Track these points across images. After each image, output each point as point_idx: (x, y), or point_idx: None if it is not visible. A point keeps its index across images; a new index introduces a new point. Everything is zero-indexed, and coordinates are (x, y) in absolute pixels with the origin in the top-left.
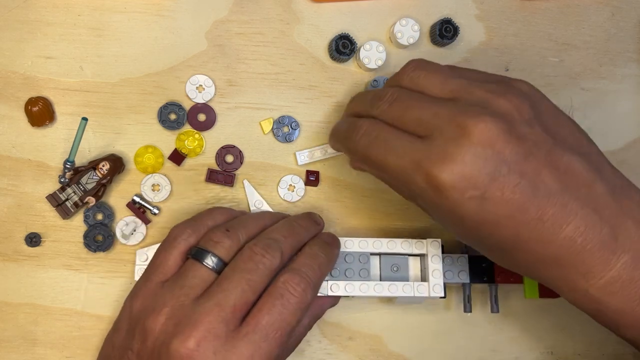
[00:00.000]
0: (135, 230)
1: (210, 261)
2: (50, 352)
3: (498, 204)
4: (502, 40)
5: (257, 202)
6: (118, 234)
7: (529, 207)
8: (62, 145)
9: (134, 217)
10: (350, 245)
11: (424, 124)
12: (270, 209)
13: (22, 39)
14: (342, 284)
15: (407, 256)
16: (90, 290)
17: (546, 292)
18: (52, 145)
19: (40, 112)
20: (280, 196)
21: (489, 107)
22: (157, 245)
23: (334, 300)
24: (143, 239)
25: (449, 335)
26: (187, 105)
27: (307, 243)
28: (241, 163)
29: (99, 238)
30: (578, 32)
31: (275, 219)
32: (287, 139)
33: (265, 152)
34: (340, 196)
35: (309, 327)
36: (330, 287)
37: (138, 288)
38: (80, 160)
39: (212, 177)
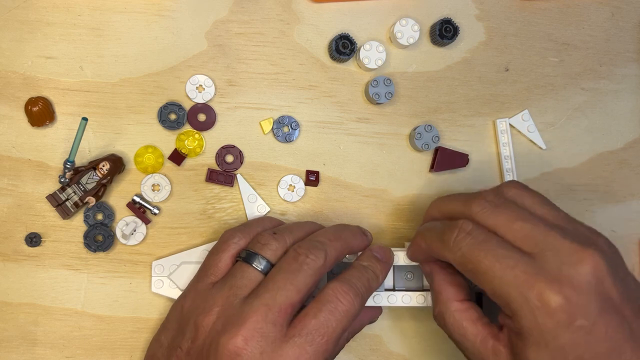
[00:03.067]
0: (135, 230)
1: (258, 263)
2: (50, 352)
3: (600, 341)
4: (502, 40)
5: (251, 196)
6: (118, 234)
7: (625, 350)
8: (62, 145)
9: (134, 217)
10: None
11: (534, 240)
12: (264, 204)
13: (22, 39)
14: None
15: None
16: (90, 290)
17: None
18: (52, 145)
19: (40, 112)
20: (280, 196)
21: (593, 244)
22: (173, 257)
23: (373, 316)
24: (143, 239)
25: None
26: (187, 105)
27: (358, 257)
28: (241, 163)
29: (99, 238)
30: (578, 32)
31: (321, 227)
32: (287, 139)
33: (265, 152)
34: (340, 196)
35: (347, 341)
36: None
37: (189, 289)
38: (80, 160)
39: (212, 177)
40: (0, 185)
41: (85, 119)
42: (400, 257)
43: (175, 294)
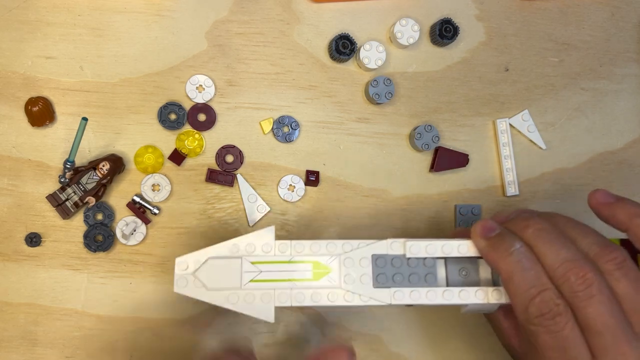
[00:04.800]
0: (135, 230)
1: None
2: (50, 352)
3: None
4: (502, 40)
5: (251, 196)
6: (118, 234)
7: None
8: (62, 145)
9: (134, 217)
10: (416, 249)
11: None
12: (265, 204)
13: (22, 39)
14: (406, 290)
15: (477, 259)
16: (91, 290)
17: None
18: (52, 145)
19: (40, 112)
20: (280, 196)
21: None
22: (198, 252)
23: None
24: (143, 239)
25: (449, 335)
26: (187, 105)
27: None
28: (241, 163)
29: (99, 238)
30: (578, 32)
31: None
32: (287, 139)
33: (265, 152)
34: (340, 196)
35: None
36: (393, 295)
37: None
38: (80, 160)
39: (212, 177)
40: (0, 185)
41: (85, 119)
42: (454, 248)
43: (201, 294)
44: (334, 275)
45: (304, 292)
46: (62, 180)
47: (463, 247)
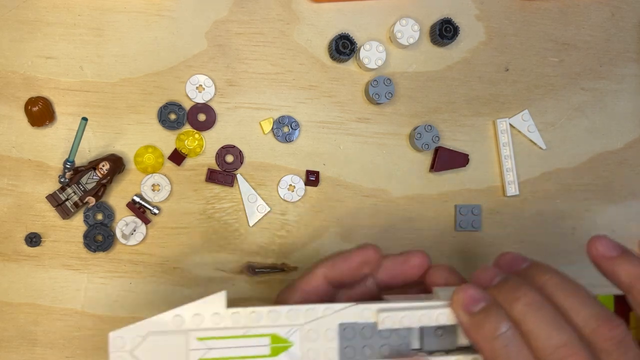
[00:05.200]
0: (135, 230)
1: None
2: (50, 352)
3: None
4: (502, 40)
5: (251, 196)
6: (118, 234)
7: None
8: (62, 145)
9: (134, 217)
10: (390, 322)
11: None
12: (265, 204)
13: (22, 39)
14: None
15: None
16: (91, 290)
17: None
18: (52, 145)
19: (40, 112)
20: (280, 196)
21: None
22: (136, 326)
23: None
24: (143, 239)
25: None
26: (187, 105)
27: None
28: (241, 163)
29: (99, 238)
30: (578, 32)
31: None
32: (287, 139)
33: (265, 152)
34: (340, 196)
35: None
36: None
37: None
38: (80, 160)
39: (212, 177)
40: (0, 185)
41: (85, 119)
42: (433, 318)
43: None
44: (294, 350)
45: None
46: (62, 180)
47: (442, 317)
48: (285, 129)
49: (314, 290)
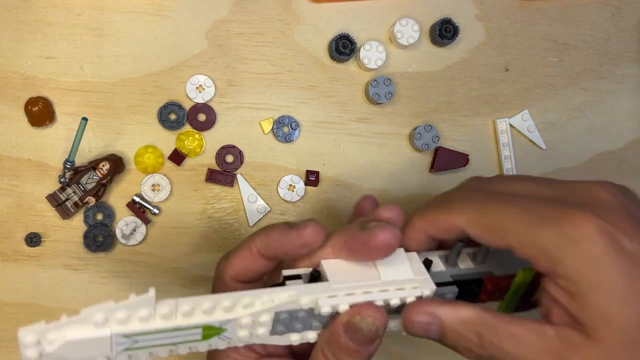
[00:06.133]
0: (135, 230)
1: None
2: None
3: None
4: (502, 40)
5: (251, 196)
6: (118, 234)
7: None
8: (62, 145)
9: (134, 217)
10: (328, 309)
11: (542, 190)
12: (265, 204)
13: (22, 39)
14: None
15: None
16: (91, 291)
17: (519, 307)
18: (52, 145)
19: (40, 112)
20: (280, 196)
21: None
22: (51, 326)
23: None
24: (143, 239)
25: None
26: (187, 105)
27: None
28: (241, 163)
29: (99, 238)
30: (578, 32)
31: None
32: (287, 139)
33: (265, 152)
34: (340, 196)
35: None
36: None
37: None
38: (80, 160)
39: (212, 177)
40: (0, 185)
41: (85, 119)
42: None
43: None
44: (227, 334)
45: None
46: (62, 180)
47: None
48: (285, 129)
49: (249, 265)
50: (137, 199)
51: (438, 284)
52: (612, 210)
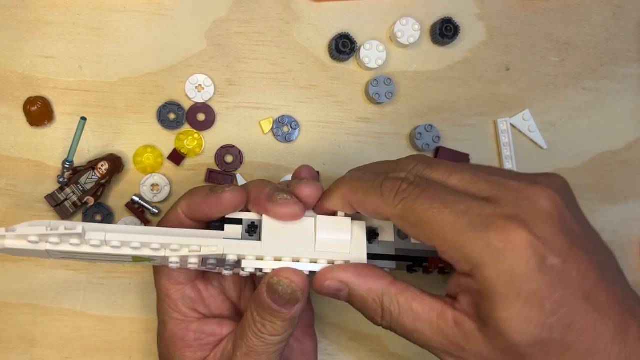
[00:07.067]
0: None
1: None
2: (49, 353)
3: (575, 281)
4: (502, 39)
5: None
6: None
7: (601, 292)
8: (61, 145)
9: (133, 217)
10: (250, 267)
11: (479, 185)
12: None
13: (21, 39)
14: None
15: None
16: (90, 291)
17: None
18: (51, 145)
19: (39, 112)
20: None
21: (542, 181)
22: (27, 224)
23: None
24: None
25: None
26: (186, 105)
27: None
28: (241, 163)
29: None
30: (579, 31)
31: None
32: (287, 138)
33: (265, 152)
34: None
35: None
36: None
37: None
38: (79, 160)
39: (211, 177)
40: None
41: (84, 119)
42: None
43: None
44: (157, 261)
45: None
46: (60, 180)
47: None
48: (285, 128)
49: (179, 225)
50: (136, 199)
51: (375, 257)
52: (546, 221)
